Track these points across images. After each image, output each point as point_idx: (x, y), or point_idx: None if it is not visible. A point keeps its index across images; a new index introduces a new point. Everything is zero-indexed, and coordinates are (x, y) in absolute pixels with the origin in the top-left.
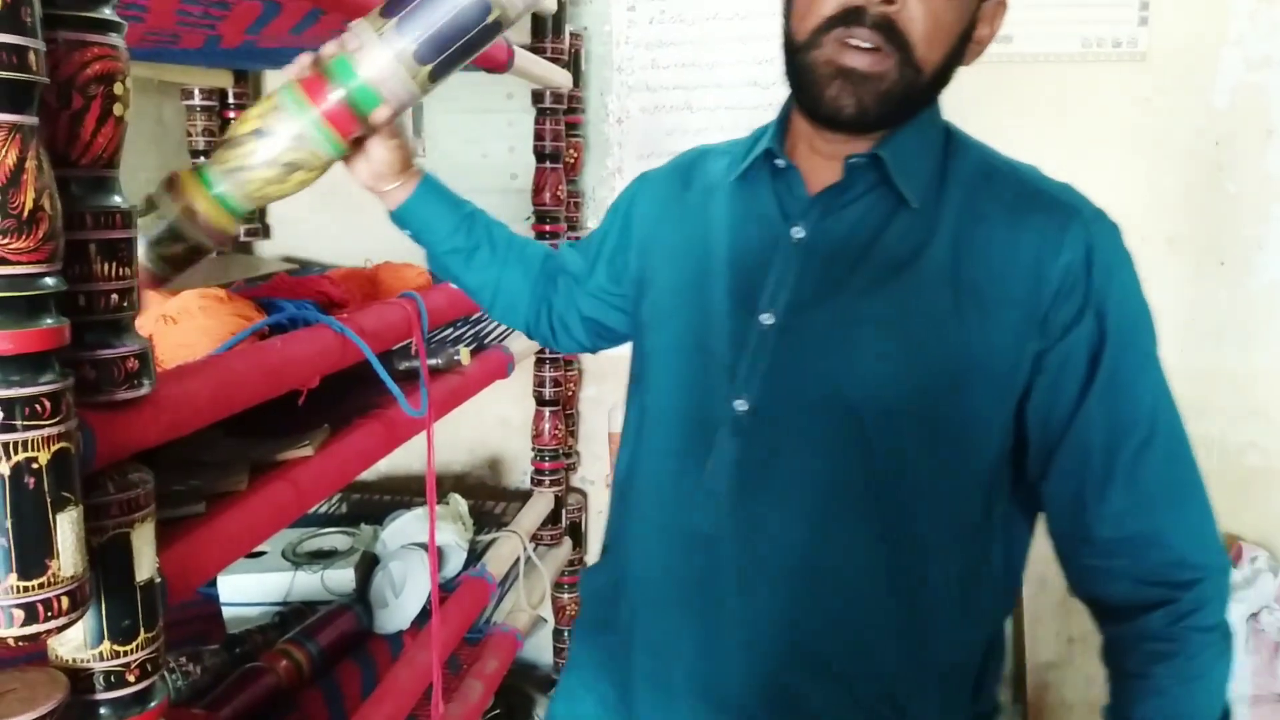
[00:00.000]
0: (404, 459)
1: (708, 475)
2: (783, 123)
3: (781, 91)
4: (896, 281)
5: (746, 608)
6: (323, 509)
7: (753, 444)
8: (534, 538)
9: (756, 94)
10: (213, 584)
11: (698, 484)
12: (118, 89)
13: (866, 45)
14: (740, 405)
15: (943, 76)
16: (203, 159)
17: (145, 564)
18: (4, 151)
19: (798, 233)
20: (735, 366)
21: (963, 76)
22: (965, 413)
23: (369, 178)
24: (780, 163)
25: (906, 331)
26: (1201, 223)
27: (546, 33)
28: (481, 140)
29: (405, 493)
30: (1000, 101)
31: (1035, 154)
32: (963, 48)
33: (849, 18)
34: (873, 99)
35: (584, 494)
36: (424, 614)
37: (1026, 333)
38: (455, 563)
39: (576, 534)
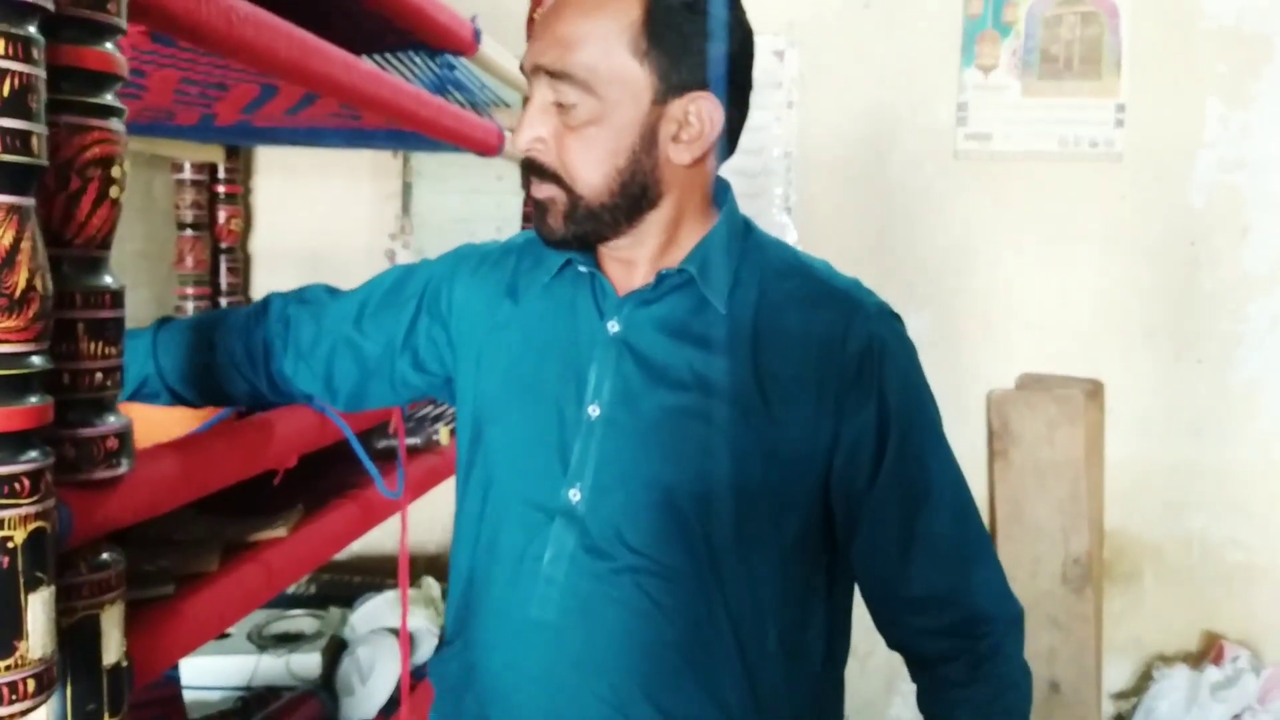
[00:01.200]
0: (377, 537)
1: (546, 565)
2: None
3: (767, 179)
4: (705, 374)
5: (589, 695)
6: (291, 589)
7: (587, 533)
8: None
9: (744, 182)
10: (175, 665)
11: (537, 574)
12: (115, 172)
13: (536, 182)
14: (574, 495)
15: (636, 188)
16: (189, 230)
17: (113, 646)
18: (1, 232)
19: (613, 327)
20: (568, 458)
21: (939, 170)
22: (774, 493)
23: None
24: (582, 269)
25: (717, 421)
26: (1179, 319)
27: None
28: (469, 220)
29: (377, 574)
30: (978, 197)
31: (1013, 249)
32: (647, 156)
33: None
34: (557, 222)
35: None
36: (392, 702)
37: (821, 416)
38: (426, 649)
39: None
